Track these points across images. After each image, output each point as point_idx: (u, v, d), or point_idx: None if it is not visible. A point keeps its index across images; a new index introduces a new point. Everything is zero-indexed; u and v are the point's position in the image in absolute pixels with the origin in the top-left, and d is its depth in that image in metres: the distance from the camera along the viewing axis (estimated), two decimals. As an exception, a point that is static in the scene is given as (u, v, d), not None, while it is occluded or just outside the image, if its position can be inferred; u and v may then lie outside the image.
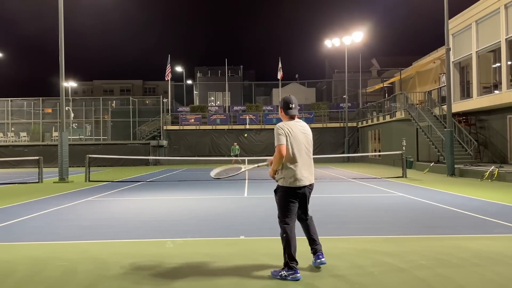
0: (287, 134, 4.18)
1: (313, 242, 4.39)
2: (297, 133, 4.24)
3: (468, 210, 8.10)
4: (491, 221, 7.00)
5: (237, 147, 27.40)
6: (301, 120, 4.43)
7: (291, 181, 4.17)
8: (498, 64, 18.48)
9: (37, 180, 16.54)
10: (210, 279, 4.15)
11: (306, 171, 4.25)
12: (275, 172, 4.27)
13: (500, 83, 17.69)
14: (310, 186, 4.33)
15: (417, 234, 6.15)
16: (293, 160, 4.18)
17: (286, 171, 4.19)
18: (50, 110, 35.60)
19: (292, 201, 4.22)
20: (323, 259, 4.31)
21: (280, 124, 4.27)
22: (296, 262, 4.12)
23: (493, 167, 14.96)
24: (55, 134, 33.21)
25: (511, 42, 17.08)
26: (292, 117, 4.34)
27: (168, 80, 37.70)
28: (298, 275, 4.07)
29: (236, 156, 25.84)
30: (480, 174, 15.02)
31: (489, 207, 8.59)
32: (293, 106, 4.33)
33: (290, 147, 4.18)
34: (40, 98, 35.10)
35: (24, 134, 34.23)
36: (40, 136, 34.28)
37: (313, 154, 4.46)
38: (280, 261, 4.62)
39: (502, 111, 18.56)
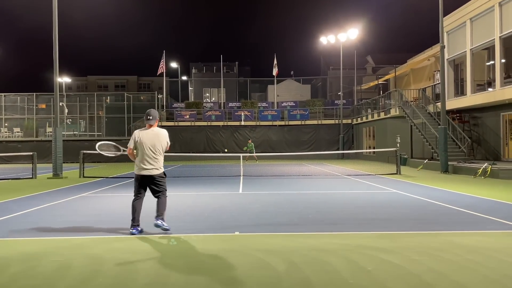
0: (134, 140, 5.95)
1: (157, 210, 5.99)
2: (144, 139, 5.88)
3: (461, 207, 8.17)
4: (484, 218, 7.06)
5: (251, 144, 27.63)
6: (156, 128, 6.04)
7: (136, 170, 6.00)
8: (492, 62, 18.58)
9: (31, 176, 16.45)
10: (205, 275, 4.16)
11: (147, 165, 5.90)
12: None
13: (494, 81, 17.79)
14: (152, 176, 5.93)
15: (410, 230, 6.19)
16: (139, 157, 5.96)
17: (135, 163, 6.06)
18: (44, 106, 35.35)
19: (138, 183, 6.01)
20: (157, 222, 5.88)
21: (135, 131, 6.03)
22: (134, 221, 5.94)
23: (486, 164, 15.07)
24: (49, 129, 33.02)
25: (505, 40, 17.17)
26: (150, 126, 5.98)
27: (162, 76, 37.55)
28: (133, 230, 5.91)
29: (250, 152, 26.10)
30: (473, 171, 15.13)
31: (482, 203, 8.67)
32: (151, 118, 5.96)
33: (134, 147, 5.98)
34: (34, 93, 34.84)
35: (18, 129, 34.00)
36: (34, 131, 34.05)
37: (307, 151, 4.59)
38: (275, 256, 4.65)
39: (496, 109, 18.69)
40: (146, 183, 6.01)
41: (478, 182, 13.15)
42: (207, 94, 49.02)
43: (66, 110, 34.87)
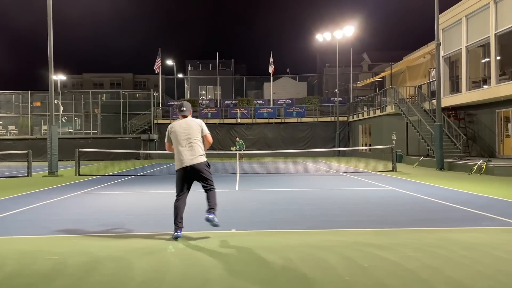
0: (168, 133, 5.77)
1: (208, 204, 5.68)
2: (177, 129, 5.65)
3: (457, 203, 8.20)
4: (479, 214, 7.10)
5: (240, 142, 27.79)
6: (190, 118, 5.78)
7: (176, 164, 5.64)
8: (487, 59, 18.65)
9: (26, 174, 16.37)
10: (201, 272, 4.16)
11: (185, 156, 5.54)
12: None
13: (489, 78, 17.86)
14: (193, 167, 5.55)
15: (406, 227, 6.21)
16: (175, 150, 5.66)
17: (175, 158, 5.71)
18: (39, 104, 35.17)
19: (180, 179, 5.62)
20: (209, 216, 5.50)
21: (169, 125, 5.82)
22: (177, 224, 5.56)
23: (481, 161, 15.15)
24: (44, 127, 32.84)
25: (500, 37, 17.23)
26: (184, 116, 5.75)
27: (158, 73, 37.45)
28: (175, 233, 5.52)
29: (239, 150, 26.24)
30: (469, 168, 15.20)
31: (477, 200, 8.71)
32: (184, 109, 5.75)
33: (170, 141, 5.76)
34: (29, 91, 34.65)
35: (13, 127, 33.83)
36: (29, 129, 33.90)
37: (304, 148, 4.59)
38: (272, 253, 4.65)
39: (491, 106, 18.77)
40: (189, 177, 5.62)
41: (473, 179, 13.21)
42: (203, 92, 48.95)
43: (61, 108, 34.69)
